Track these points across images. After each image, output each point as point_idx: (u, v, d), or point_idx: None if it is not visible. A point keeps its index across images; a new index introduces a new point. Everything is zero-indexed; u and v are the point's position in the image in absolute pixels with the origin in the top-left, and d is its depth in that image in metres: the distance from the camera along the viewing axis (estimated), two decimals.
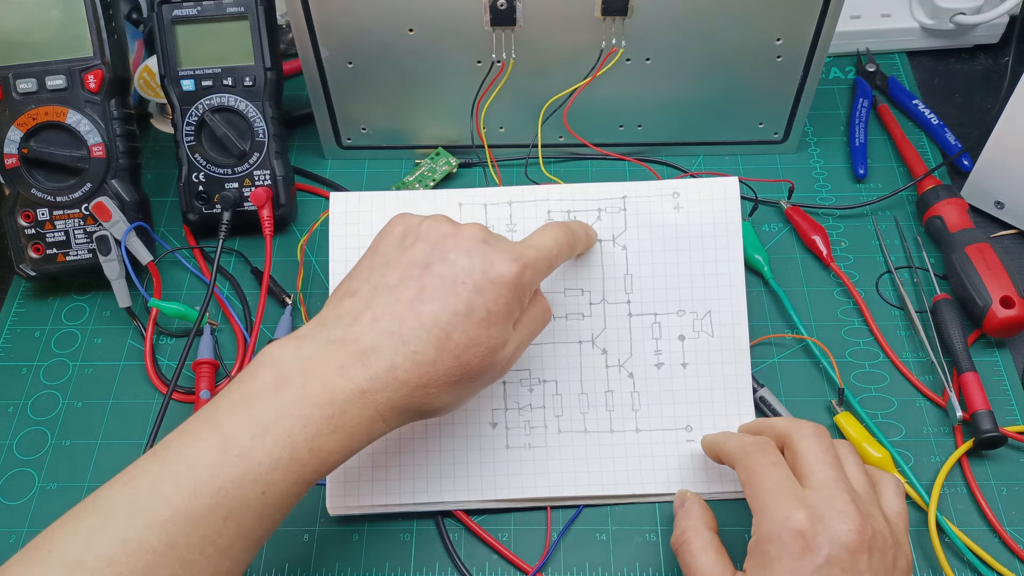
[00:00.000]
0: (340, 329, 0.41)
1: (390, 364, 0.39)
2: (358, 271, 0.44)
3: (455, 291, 0.41)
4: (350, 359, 0.40)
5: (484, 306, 0.41)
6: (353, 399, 0.39)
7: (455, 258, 0.42)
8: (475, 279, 0.41)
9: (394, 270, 0.42)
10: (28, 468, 0.54)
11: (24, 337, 0.60)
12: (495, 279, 0.41)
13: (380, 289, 0.42)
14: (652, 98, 0.63)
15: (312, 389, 0.39)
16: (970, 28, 0.73)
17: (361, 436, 0.39)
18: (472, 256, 0.42)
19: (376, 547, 0.51)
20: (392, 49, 0.60)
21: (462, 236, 0.43)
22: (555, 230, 0.47)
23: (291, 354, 0.40)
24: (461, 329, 0.40)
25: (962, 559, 0.49)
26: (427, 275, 0.41)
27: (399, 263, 0.42)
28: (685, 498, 0.48)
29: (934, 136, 0.68)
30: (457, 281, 0.41)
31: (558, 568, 0.50)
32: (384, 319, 0.41)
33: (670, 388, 0.53)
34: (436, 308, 0.40)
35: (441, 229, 0.43)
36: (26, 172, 0.58)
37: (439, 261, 0.42)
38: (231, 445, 0.37)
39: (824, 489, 0.41)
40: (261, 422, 0.38)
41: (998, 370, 0.56)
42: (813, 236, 0.61)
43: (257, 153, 0.61)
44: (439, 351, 0.40)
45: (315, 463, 0.38)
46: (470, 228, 0.43)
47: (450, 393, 0.41)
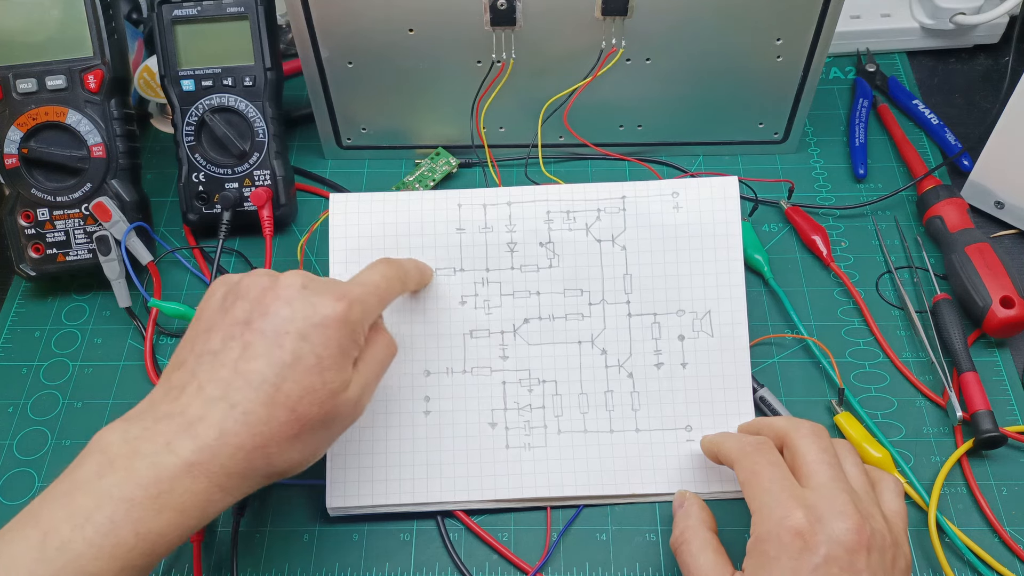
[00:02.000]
0: (167, 403, 0.40)
1: (219, 431, 0.38)
2: (185, 341, 0.43)
3: (279, 343, 0.40)
4: (176, 433, 0.38)
5: (312, 352, 0.40)
6: (180, 474, 0.37)
7: (276, 309, 0.41)
8: (298, 327, 0.40)
9: (216, 334, 0.41)
10: (28, 468, 0.54)
11: (24, 337, 0.60)
12: (319, 322, 0.40)
13: (204, 356, 0.41)
14: (652, 98, 0.63)
15: (136, 469, 0.37)
16: (970, 28, 0.73)
17: (196, 512, 0.38)
18: (293, 304, 0.41)
19: (376, 547, 0.51)
20: (392, 49, 0.60)
21: (281, 286, 0.42)
22: (382, 266, 0.47)
23: (118, 437, 0.39)
24: (291, 380, 0.39)
25: (962, 559, 0.49)
26: (249, 332, 0.40)
27: (221, 326, 0.41)
28: (684, 498, 0.48)
29: (934, 136, 0.68)
30: (280, 332, 0.40)
31: (558, 568, 0.50)
32: (210, 386, 0.39)
33: (670, 388, 0.53)
34: (261, 364, 0.39)
35: (259, 283, 0.42)
36: (26, 172, 0.58)
37: (260, 316, 0.41)
38: (51, 539, 0.36)
39: (823, 489, 0.41)
40: (82, 511, 0.36)
41: (998, 370, 0.56)
42: (813, 236, 0.61)
43: (257, 153, 0.61)
44: (271, 408, 0.39)
45: (143, 546, 0.37)
46: (289, 276, 0.42)
47: (294, 449, 0.40)
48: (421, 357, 0.53)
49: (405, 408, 0.52)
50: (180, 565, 0.50)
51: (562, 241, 0.54)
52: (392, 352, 0.46)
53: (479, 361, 0.53)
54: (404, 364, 0.53)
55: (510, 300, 0.53)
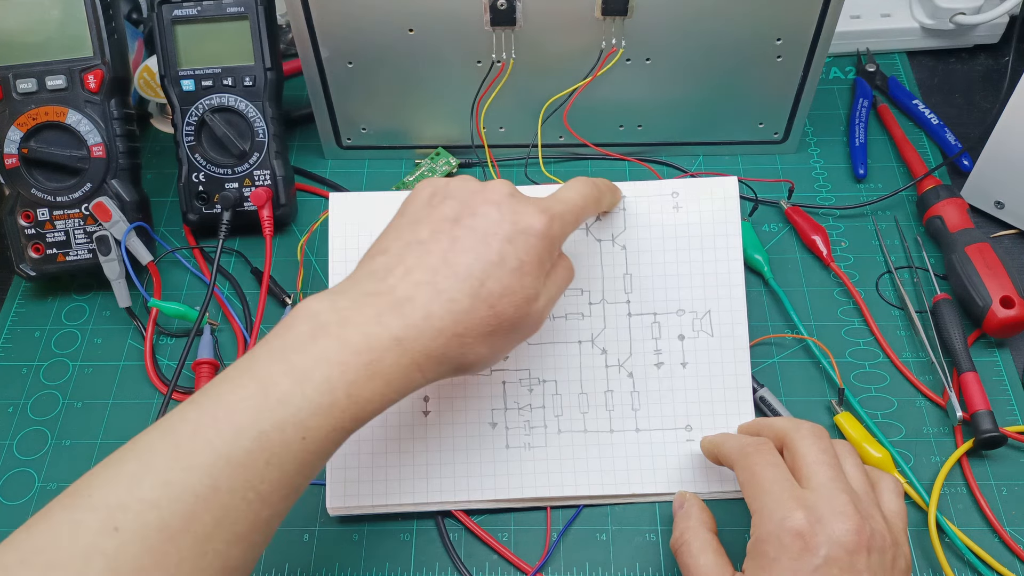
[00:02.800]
0: (374, 282, 0.41)
1: (425, 312, 0.40)
2: (388, 231, 0.44)
3: (487, 241, 0.41)
4: (386, 308, 0.40)
5: (516, 255, 0.41)
6: (390, 347, 0.39)
7: (485, 211, 0.42)
8: (505, 230, 0.42)
9: (424, 226, 0.43)
10: (28, 468, 0.54)
11: (24, 337, 0.60)
12: (524, 229, 0.42)
13: (411, 244, 0.42)
14: (652, 98, 0.63)
15: (349, 337, 0.39)
16: (970, 28, 0.73)
17: (398, 385, 0.39)
18: (501, 209, 0.42)
19: (376, 547, 0.51)
20: (392, 49, 0.60)
21: (490, 191, 0.43)
22: (581, 185, 0.47)
23: (327, 306, 0.40)
24: (495, 277, 0.41)
25: (962, 559, 0.49)
26: (458, 228, 0.42)
27: (429, 220, 0.43)
28: (684, 499, 0.48)
29: (934, 136, 0.68)
30: (488, 232, 0.42)
31: (558, 568, 0.50)
32: (417, 271, 0.41)
33: (670, 388, 0.53)
34: (469, 258, 0.41)
35: (468, 186, 0.44)
36: (26, 172, 0.58)
37: (469, 215, 0.42)
38: (271, 391, 0.37)
39: (822, 489, 0.41)
40: (300, 369, 0.38)
41: (998, 370, 0.56)
42: (813, 236, 0.61)
43: (257, 153, 0.61)
44: (474, 299, 0.40)
45: (354, 409, 0.38)
46: (497, 183, 0.44)
47: (485, 344, 0.42)
48: None
49: (405, 408, 0.52)
50: None
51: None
52: (571, 275, 0.47)
53: None
54: None
55: None
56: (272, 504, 0.37)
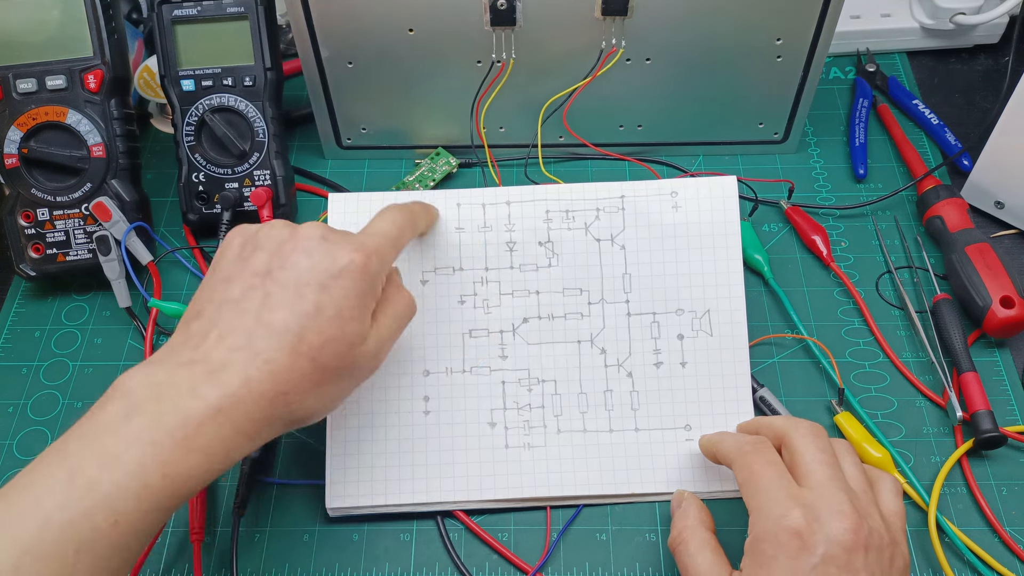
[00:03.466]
0: (188, 351, 0.40)
1: (244, 378, 0.38)
2: (202, 290, 0.43)
3: (300, 293, 0.40)
4: (201, 379, 0.38)
5: (332, 303, 0.40)
6: (206, 420, 0.38)
7: (295, 260, 0.41)
8: (318, 278, 0.41)
9: (236, 284, 0.41)
10: None
11: (24, 337, 0.60)
12: (338, 273, 0.41)
13: (224, 304, 0.41)
14: (652, 98, 0.63)
15: (163, 414, 0.37)
16: (970, 28, 0.73)
17: (221, 456, 0.38)
18: (312, 255, 0.41)
19: (376, 547, 0.51)
20: (392, 49, 0.60)
21: (300, 237, 0.42)
22: (393, 213, 0.47)
23: (141, 381, 0.39)
24: (313, 329, 0.40)
25: (962, 559, 0.49)
26: (269, 282, 0.41)
27: (240, 276, 0.42)
28: (682, 498, 0.48)
29: (934, 136, 0.68)
30: (300, 282, 0.40)
31: (558, 568, 0.50)
32: (231, 335, 0.40)
33: (669, 387, 0.53)
34: (284, 314, 0.40)
35: (278, 234, 0.43)
36: (26, 172, 0.58)
37: (279, 267, 0.41)
38: (78, 477, 0.36)
39: (821, 488, 0.41)
40: (110, 452, 0.36)
41: (998, 370, 0.56)
42: (813, 236, 0.61)
43: (257, 153, 0.61)
44: (293, 356, 0.39)
45: (170, 488, 0.37)
46: (307, 228, 0.43)
47: (314, 398, 0.41)
48: (420, 357, 0.53)
49: (404, 408, 0.52)
50: (180, 565, 0.50)
51: (561, 240, 0.54)
52: (411, 310, 0.46)
53: (478, 361, 0.53)
54: (403, 364, 0.53)
55: (509, 299, 0.53)
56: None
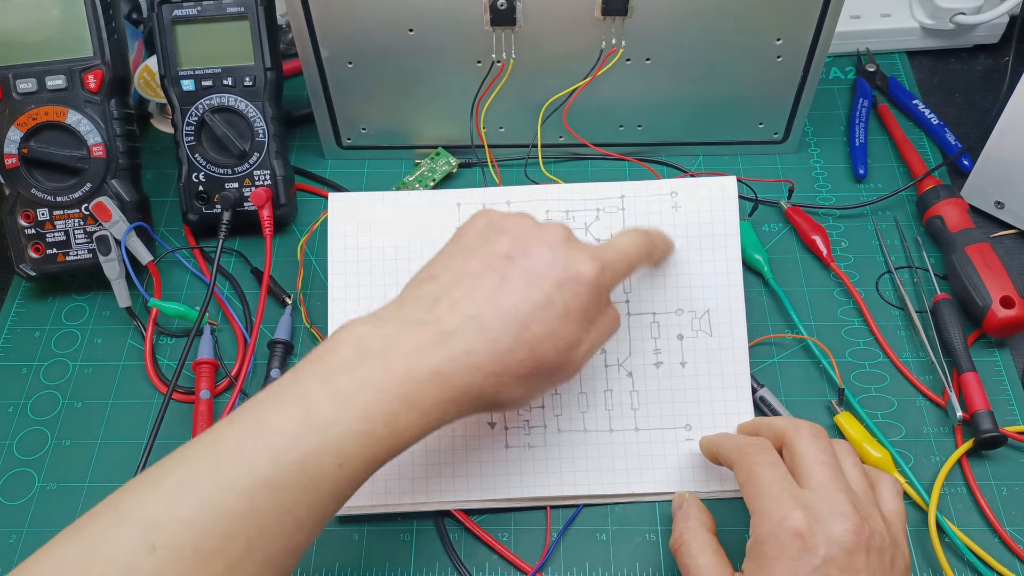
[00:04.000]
0: (420, 311, 0.41)
1: (467, 348, 0.39)
2: (440, 258, 0.44)
3: (536, 284, 0.41)
4: (429, 340, 0.40)
5: (563, 301, 0.41)
6: (430, 379, 0.39)
7: (538, 252, 0.42)
8: (556, 274, 0.41)
9: (476, 259, 0.42)
10: (28, 468, 0.54)
11: (24, 337, 0.60)
12: (574, 276, 0.42)
13: (462, 276, 0.42)
14: (652, 98, 0.63)
15: (392, 366, 0.38)
16: (970, 28, 0.73)
17: (434, 418, 0.39)
18: (555, 252, 0.42)
19: (376, 547, 0.51)
20: (392, 49, 0.60)
21: (545, 233, 0.43)
22: (635, 235, 0.47)
23: (372, 330, 0.40)
24: (540, 321, 0.41)
25: (962, 559, 0.49)
26: (509, 266, 0.42)
27: (482, 253, 0.43)
28: (683, 500, 0.48)
29: (934, 136, 0.68)
30: (539, 275, 0.41)
31: (558, 568, 0.50)
32: (464, 304, 0.41)
33: (669, 387, 0.53)
34: (517, 298, 0.41)
35: (525, 224, 0.44)
36: (26, 172, 0.58)
37: (522, 254, 0.42)
38: (313, 415, 0.37)
39: (822, 489, 0.41)
40: (343, 394, 0.38)
41: (998, 370, 0.56)
42: (813, 236, 0.61)
43: (257, 153, 0.61)
44: (516, 341, 0.40)
45: (390, 439, 0.38)
46: (554, 226, 0.44)
47: (522, 386, 0.42)
48: None
49: None
50: None
51: None
52: (616, 325, 0.47)
53: None
54: None
55: None
56: (306, 529, 0.37)
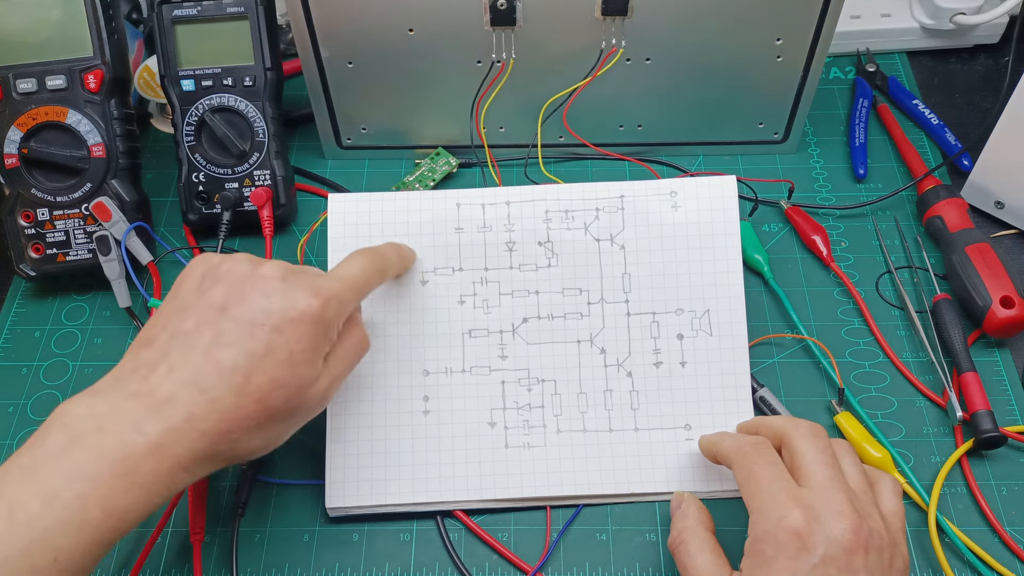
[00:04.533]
0: (136, 382, 0.40)
1: (187, 414, 0.38)
2: (157, 318, 0.42)
3: (253, 333, 0.40)
4: (145, 413, 0.38)
5: (286, 346, 0.40)
6: (148, 454, 0.37)
7: (252, 299, 0.41)
8: (274, 320, 0.40)
9: (191, 315, 0.41)
10: None
11: (24, 337, 0.60)
12: (295, 317, 0.40)
13: (177, 336, 0.41)
14: (652, 98, 0.63)
15: (105, 447, 0.37)
16: (970, 28, 0.73)
17: (160, 491, 0.38)
18: (270, 296, 0.41)
19: (376, 547, 0.51)
20: (392, 49, 0.60)
21: (259, 276, 0.42)
22: (361, 257, 0.46)
23: (84, 412, 0.38)
24: (261, 371, 0.39)
25: (962, 559, 0.49)
26: (223, 319, 0.40)
27: (196, 308, 0.41)
28: (681, 499, 0.47)
29: (934, 136, 0.68)
30: (255, 323, 0.40)
31: (558, 568, 0.50)
32: (180, 368, 0.39)
33: (669, 387, 0.53)
34: (234, 353, 0.39)
35: (239, 269, 0.42)
36: (26, 172, 0.58)
37: (236, 303, 0.41)
38: (18, 513, 0.36)
39: (821, 488, 0.41)
40: (50, 487, 0.36)
41: (998, 370, 0.56)
42: (813, 236, 0.61)
43: (257, 153, 0.61)
44: (239, 396, 0.39)
45: (110, 523, 0.37)
46: (269, 266, 0.42)
47: (258, 437, 0.41)
48: (420, 357, 0.53)
49: (404, 408, 0.52)
50: (180, 565, 0.50)
51: (561, 240, 0.54)
52: (364, 349, 0.46)
53: (478, 360, 0.53)
54: (403, 364, 0.53)
55: (509, 299, 0.53)
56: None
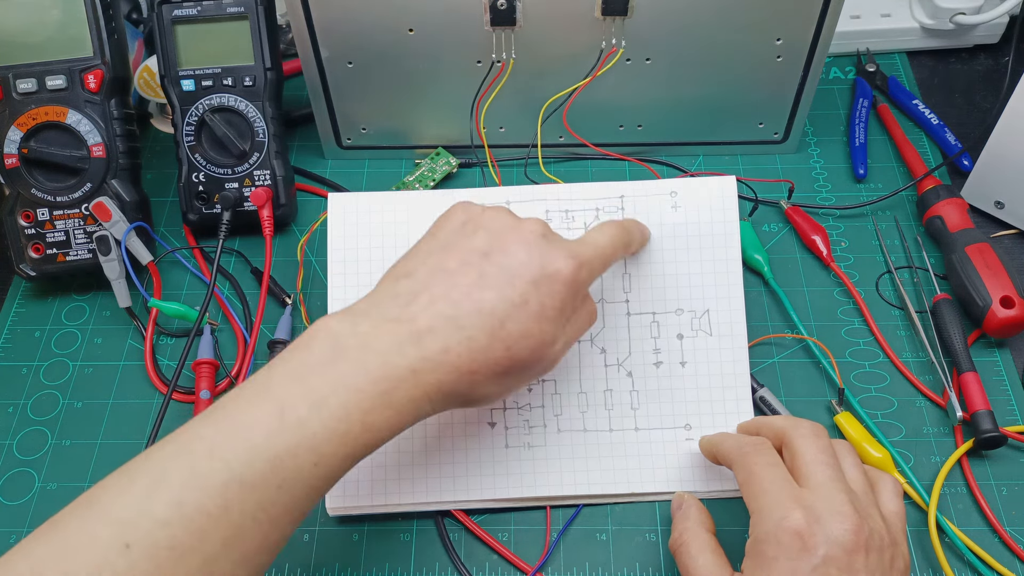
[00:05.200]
0: (396, 308, 0.41)
1: (443, 346, 0.40)
2: (416, 253, 0.44)
3: (512, 282, 0.41)
4: (406, 338, 0.40)
5: (539, 300, 0.41)
6: (406, 377, 0.39)
7: (515, 250, 0.42)
8: (532, 272, 0.42)
9: (453, 255, 0.43)
10: (28, 468, 0.54)
11: (24, 337, 0.60)
12: (551, 274, 0.42)
13: (438, 272, 0.42)
14: (652, 98, 0.63)
15: (368, 364, 0.39)
16: (970, 28, 0.73)
17: (409, 415, 0.40)
18: (531, 249, 0.42)
19: (376, 547, 0.51)
20: (392, 49, 0.60)
21: (523, 229, 0.43)
22: (611, 228, 0.47)
23: (348, 328, 0.40)
24: (515, 319, 0.41)
25: (962, 559, 0.49)
26: (486, 263, 0.42)
27: (459, 249, 0.43)
28: (682, 500, 0.48)
29: (934, 136, 0.68)
30: (515, 272, 0.41)
31: (558, 568, 0.50)
32: (441, 302, 0.41)
33: (669, 387, 0.53)
34: (493, 296, 0.41)
35: (502, 220, 0.44)
36: (26, 172, 0.58)
37: (499, 251, 0.42)
38: (288, 414, 0.37)
39: (821, 489, 0.41)
40: (318, 393, 0.38)
41: (998, 370, 0.56)
42: (813, 236, 0.61)
43: (257, 153, 0.61)
44: (492, 339, 0.40)
45: (366, 437, 0.38)
46: (531, 222, 0.44)
47: (496, 383, 0.42)
48: None
49: None
50: None
51: None
52: (593, 320, 0.47)
53: None
54: None
55: None
56: (281, 527, 0.37)
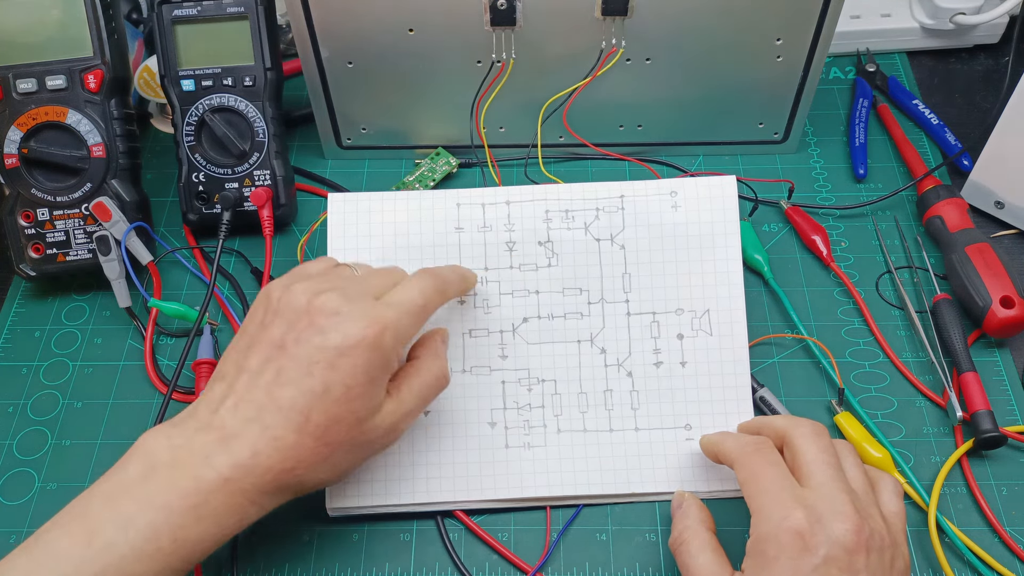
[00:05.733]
0: (208, 415, 0.42)
1: (252, 451, 0.40)
2: (229, 353, 0.44)
3: (310, 371, 0.41)
4: (215, 447, 0.40)
5: (341, 382, 0.41)
6: (218, 487, 0.39)
7: (307, 336, 0.41)
8: (328, 355, 0.41)
9: (256, 352, 0.43)
10: (28, 468, 0.54)
11: (24, 337, 0.60)
12: (350, 348, 0.41)
13: (243, 373, 0.42)
14: (652, 98, 0.63)
15: (178, 479, 0.39)
16: (970, 28, 0.73)
17: (230, 523, 0.40)
18: (325, 332, 0.41)
19: (376, 547, 0.51)
20: (392, 49, 0.60)
21: (315, 311, 0.42)
22: (419, 280, 0.46)
23: (162, 443, 0.41)
24: (319, 410, 0.40)
25: (962, 559, 0.49)
26: (283, 357, 0.42)
27: (260, 344, 0.43)
28: (682, 499, 0.48)
29: (934, 136, 0.68)
30: (311, 360, 0.41)
31: (558, 568, 0.50)
32: (244, 405, 0.41)
33: (669, 387, 0.53)
34: (292, 392, 0.41)
35: (296, 303, 0.43)
36: (26, 172, 0.58)
37: (292, 342, 0.42)
38: (96, 538, 0.38)
39: (822, 489, 0.41)
40: (125, 514, 0.38)
41: (998, 370, 0.56)
42: (813, 236, 0.61)
43: (257, 153, 0.61)
44: (300, 435, 0.40)
45: (181, 552, 0.39)
46: (325, 299, 0.42)
47: (323, 471, 0.42)
48: None
49: None
50: None
51: (561, 240, 0.54)
52: (443, 384, 0.46)
53: (478, 360, 0.53)
54: None
55: (509, 299, 0.53)
56: None
